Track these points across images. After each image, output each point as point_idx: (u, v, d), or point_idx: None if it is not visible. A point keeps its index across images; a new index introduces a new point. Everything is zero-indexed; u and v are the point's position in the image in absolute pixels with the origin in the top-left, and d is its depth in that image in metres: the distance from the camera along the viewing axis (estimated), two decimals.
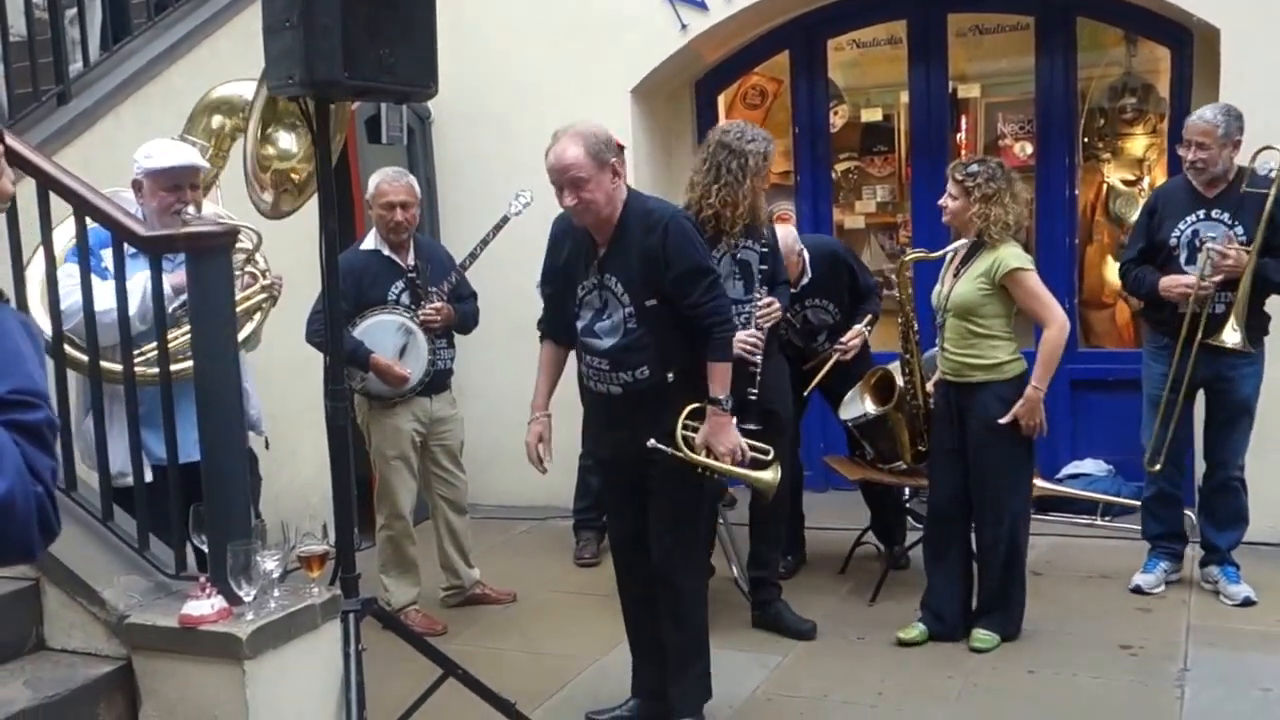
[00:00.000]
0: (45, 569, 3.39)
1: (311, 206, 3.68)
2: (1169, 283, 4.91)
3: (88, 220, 3.44)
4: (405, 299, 5.04)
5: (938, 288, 4.71)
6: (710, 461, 3.84)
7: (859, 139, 7.82)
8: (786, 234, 5.31)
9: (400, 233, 5.05)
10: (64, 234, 3.60)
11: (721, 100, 7.55)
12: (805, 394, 5.47)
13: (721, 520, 5.53)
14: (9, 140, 1.81)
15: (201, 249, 3.26)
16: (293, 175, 4.16)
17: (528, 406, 4.05)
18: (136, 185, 3.88)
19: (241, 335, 3.98)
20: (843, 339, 5.45)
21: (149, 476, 3.50)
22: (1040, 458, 6.42)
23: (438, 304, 5.08)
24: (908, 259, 4.80)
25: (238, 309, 3.93)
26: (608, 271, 3.81)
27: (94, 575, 3.36)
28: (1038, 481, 6.31)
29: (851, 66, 7.77)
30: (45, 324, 3.56)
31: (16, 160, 3.42)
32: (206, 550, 3.26)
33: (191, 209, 3.81)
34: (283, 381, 4.92)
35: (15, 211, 3.46)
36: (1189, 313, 4.86)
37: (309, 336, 4.71)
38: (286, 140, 4.16)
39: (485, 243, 5.30)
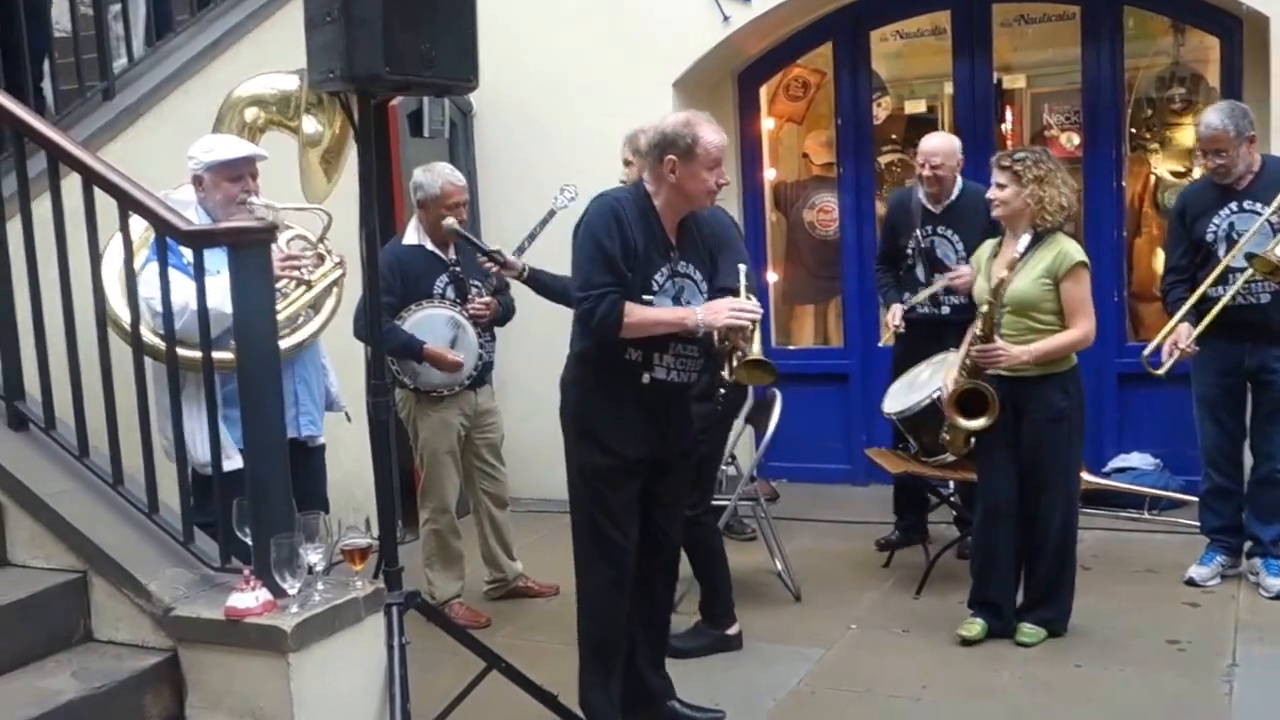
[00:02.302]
0: (93, 561, 3.42)
1: (354, 200, 3.70)
2: (1184, 330, 4.94)
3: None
4: (450, 293, 5.05)
5: (981, 282, 4.64)
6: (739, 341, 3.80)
7: (903, 131, 7.77)
8: (948, 140, 5.70)
9: None
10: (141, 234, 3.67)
11: (764, 92, 7.52)
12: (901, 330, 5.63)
13: (763, 514, 5.52)
14: None
15: (242, 243, 3.26)
16: (336, 149, 4.23)
17: None
18: (198, 180, 3.92)
19: (327, 311, 4.04)
20: (954, 270, 5.48)
21: (240, 462, 3.45)
22: (1087, 452, 6.36)
23: (487, 297, 5.10)
24: (999, 280, 4.53)
25: (322, 285, 3.99)
26: (685, 259, 3.79)
27: (140, 568, 3.38)
28: (1085, 475, 6.27)
29: (895, 58, 7.71)
30: (124, 314, 3.60)
31: (62, 156, 3.47)
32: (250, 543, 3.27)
33: (254, 198, 3.87)
34: None
35: (61, 209, 3.50)
36: (1223, 304, 4.86)
37: (357, 332, 4.70)
38: (310, 125, 4.22)
39: (533, 236, 5.30)
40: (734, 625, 4.76)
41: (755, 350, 3.74)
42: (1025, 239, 4.44)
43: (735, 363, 3.77)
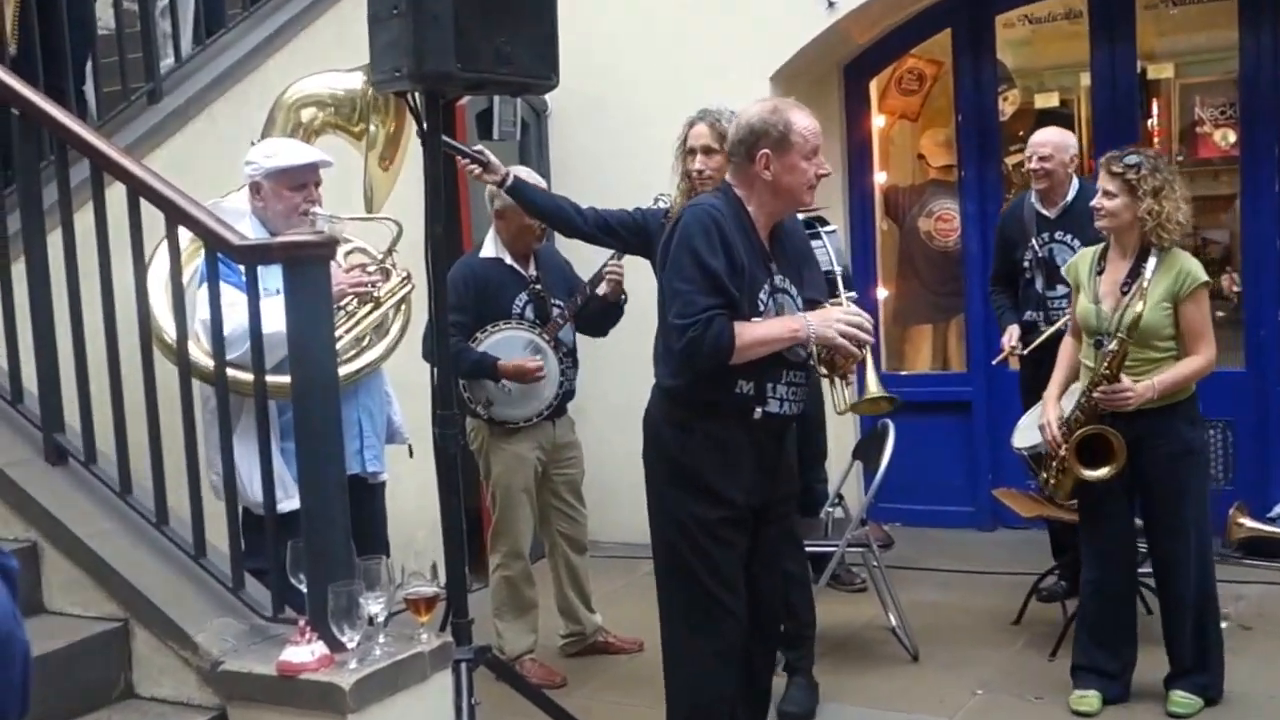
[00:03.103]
0: (135, 609, 3.48)
1: (419, 212, 3.73)
2: None
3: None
4: (530, 313, 5.07)
5: (1085, 302, 4.55)
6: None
7: (1031, 127, 7.67)
8: (1059, 133, 5.71)
9: (537, 241, 5.10)
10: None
11: (874, 86, 7.49)
12: (1022, 353, 5.70)
13: (875, 563, 5.46)
14: None
15: (299, 259, 3.29)
16: (392, 147, 4.30)
17: None
18: (256, 188, 3.97)
19: (395, 332, 4.10)
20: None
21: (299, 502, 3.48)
22: (1248, 494, 6.25)
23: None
24: (1135, 316, 4.34)
25: (390, 303, 4.05)
26: (781, 273, 3.71)
27: (186, 617, 3.43)
28: (1245, 521, 6.14)
29: (1023, 45, 7.67)
30: (170, 329, 3.66)
31: (106, 164, 3.55)
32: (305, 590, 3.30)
33: (318, 208, 3.90)
34: None
35: (104, 221, 3.57)
36: None
37: (427, 353, 4.71)
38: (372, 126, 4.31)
39: (622, 252, 5.24)
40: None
41: (874, 386, 3.73)
42: (1152, 262, 4.38)
43: (844, 392, 3.75)
